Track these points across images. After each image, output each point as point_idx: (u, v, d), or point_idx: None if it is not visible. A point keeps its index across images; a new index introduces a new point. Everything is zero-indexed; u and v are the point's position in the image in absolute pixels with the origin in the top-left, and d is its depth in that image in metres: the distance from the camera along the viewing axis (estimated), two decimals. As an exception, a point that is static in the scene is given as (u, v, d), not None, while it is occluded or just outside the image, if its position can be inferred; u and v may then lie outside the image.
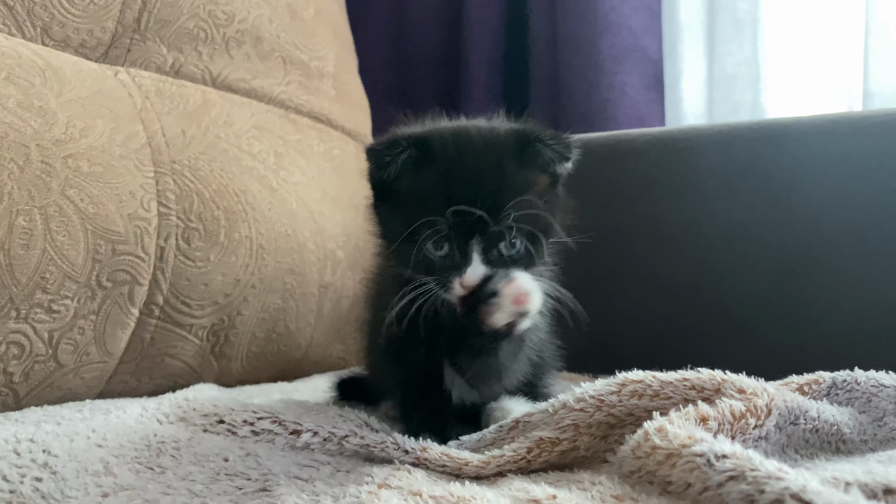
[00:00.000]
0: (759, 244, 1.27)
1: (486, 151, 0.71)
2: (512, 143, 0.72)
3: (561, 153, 0.73)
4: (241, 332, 1.11)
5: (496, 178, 0.69)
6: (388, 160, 0.71)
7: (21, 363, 0.85)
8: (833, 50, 1.60)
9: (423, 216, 0.69)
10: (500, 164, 0.70)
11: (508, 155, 0.71)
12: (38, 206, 0.85)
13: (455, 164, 0.70)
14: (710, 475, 0.50)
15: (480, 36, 1.85)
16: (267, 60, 1.30)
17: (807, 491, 0.42)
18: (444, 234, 0.69)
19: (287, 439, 0.72)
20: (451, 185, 0.69)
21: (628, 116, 1.72)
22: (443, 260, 0.70)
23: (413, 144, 0.71)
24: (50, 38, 1.00)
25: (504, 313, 0.67)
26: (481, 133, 0.74)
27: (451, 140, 0.72)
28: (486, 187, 0.68)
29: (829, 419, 0.65)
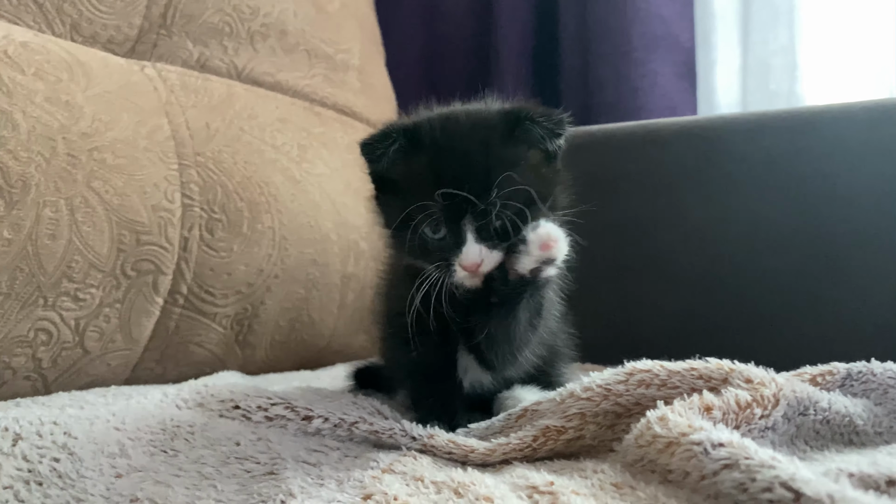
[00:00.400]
0: (788, 235, 1.24)
1: (473, 133, 0.72)
2: (501, 123, 0.72)
3: (552, 129, 0.73)
4: (265, 320, 1.13)
5: (483, 157, 0.70)
6: (381, 152, 0.73)
7: (49, 349, 0.88)
8: (872, 36, 1.56)
9: (415, 201, 0.70)
10: (488, 143, 0.71)
11: (497, 134, 0.72)
12: (64, 197, 0.88)
13: (443, 148, 0.71)
14: (706, 463, 0.49)
15: (510, 27, 1.85)
16: (292, 54, 1.32)
17: (795, 479, 0.42)
18: (438, 217, 0.70)
19: (299, 425, 0.73)
20: (440, 168, 0.70)
21: (659, 106, 1.69)
22: (440, 242, 0.71)
23: (402, 134, 0.73)
24: (79, 35, 1.03)
25: (531, 258, 0.68)
26: (470, 116, 0.74)
27: (439, 125, 0.73)
28: (474, 167, 0.69)
29: (841, 410, 0.64)
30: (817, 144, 1.23)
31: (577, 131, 1.49)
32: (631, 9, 1.68)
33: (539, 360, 0.85)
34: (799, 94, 1.61)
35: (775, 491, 0.42)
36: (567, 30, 1.79)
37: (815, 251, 1.22)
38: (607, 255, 1.39)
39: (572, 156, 1.44)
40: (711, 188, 1.32)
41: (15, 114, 0.85)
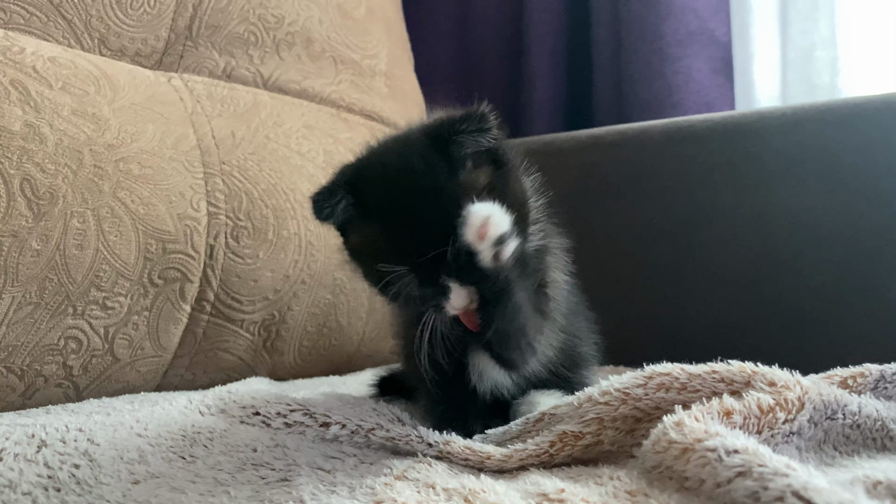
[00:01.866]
0: (828, 232, 1.20)
1: (414, 183, 0.69)
2: (431, 150, 0.69)
3: (478, 128, 0.69)
4: (293, 326, 1.13)
5: (437, 210, 0.67)
6: (328, 211, 0.70)
7: (79, 357, 0.90)
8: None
9: (385, 275, 0.68)
10: (436, 191, 0.68)
11: (435, 167, 0.68)
12: (90, 208, 0.90)
13: (391, 216, 0.69)
14: (720, 471, 0.48)
15: (542, 26, 1.83)
16: (318, 61, 1.33)
17: (808, 489, 0.40)
18: (413, 281, 0.68)
19: (317, 431, 0.73)
20: (397, 241, 0.68)
21: (695, 102, 1.66)
22: (426, 292, 0.69)
23: (347, 192, 0.70)
24: (107, 49, 1.05)
25: (482, 253, 0.65)
26: (403, 160, 0.71)
27: (379, 183, 0.70)
28: (428, 224, 0.67)
29: (872, 414, 0.61)
30: (858, 137, 1.19)
31: (609, 130, 1.49)
32: (664, 4, 1.65)
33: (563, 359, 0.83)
34: (840, 88, 1.56)
35: (787, 500, 0.40)
36: (600, 27, 1.77)
37: (857, 248, 1.18)
38: (642, 255, 1.37)
39: (606, 154, 1.43)
40: (749, 184, 1.29)
41: (42, 127, 0.87)
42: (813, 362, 0.94)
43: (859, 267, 1.17)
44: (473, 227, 0.64)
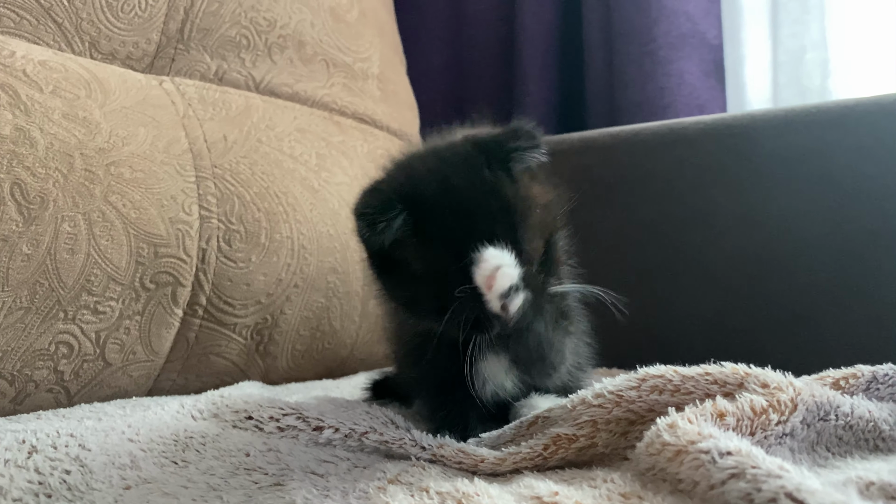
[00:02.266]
0: (821, 233, 1.21)
1: (475, 199, 0.66)
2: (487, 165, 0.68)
3: (532, 144, 0.70)
4: (285, 330, 1.13)
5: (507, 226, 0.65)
6: (383, 226, 0.66)
7: (70, 362, 0.90)
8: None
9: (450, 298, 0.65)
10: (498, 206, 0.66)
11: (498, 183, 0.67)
12: (81, 212, 0.89)
13: (455, 232, 0.65)
14: (714, 472, 0.48)
15: (534, 29, 1.84)
16: (310, 64, 1.33)
17: (801, 490, 0.40)
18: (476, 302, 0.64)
19: (310, 435, 0.73)
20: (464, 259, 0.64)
21: (687, 105, 1.66)
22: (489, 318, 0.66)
23: (405, 207, 0.66)
24: (98, 52, 1.05)
25: (490, 301, 0.63)
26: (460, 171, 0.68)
27: (438, 195, 0.67)
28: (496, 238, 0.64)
29: (865, 415, 0.61)
30: (849, 139, 1.20)
31: (601, 132, 1.49)
32: (655, 7, 1.65)
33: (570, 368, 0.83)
34: (831, 90, 1.57)
35: (780, 502, 0.40)
36: (591, 30, 1.77)
37: (849, 249, 1.18)
38: (635, 257, 1.37)
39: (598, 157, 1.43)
40: (740, 186, 1.29)
41: (33, 131, 0.87)
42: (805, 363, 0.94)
43: (851, 268, 1.18)
44: (482, 274, 0.62)
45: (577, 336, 0.79)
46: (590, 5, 1.76)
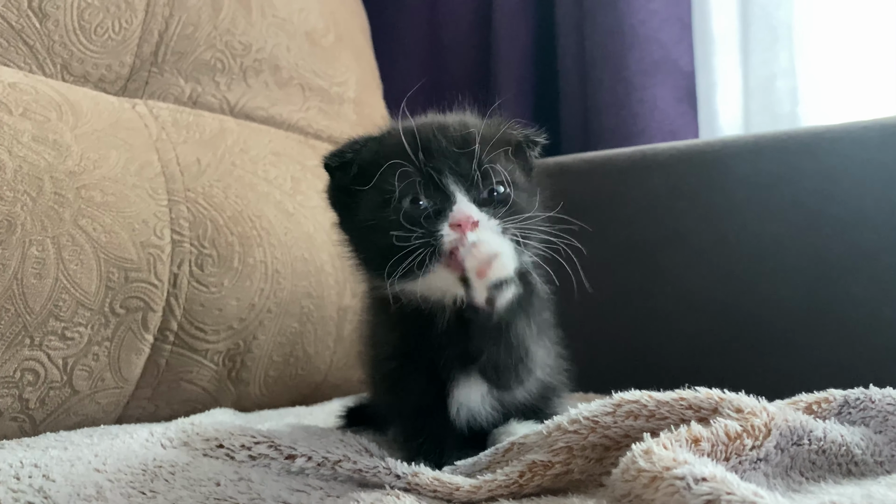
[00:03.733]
0: (792, 257, 1.22)
1: (451, 118, 0.74)
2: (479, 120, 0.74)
3: (528, 136, 0.76)
4: (258, 356, 1.11)
5: (463, 126, 0.70)
6: (350, 156, 0.72)
7: (36, 389, 0.87)
8: (873, 56, 1.54)
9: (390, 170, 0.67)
10: (466, 123, 0.72)
11: (476, 122, 0.74)
12: (50, 236, 0.87)
13: (419, 124, 0.71)
14: (689, 499, 0.47)
15: (510, 55, 1.85)
16: (286, 88, 1.32)
17: (776, 517, 0.40)
18: (419, 179, 0.66)
19: (282, 464, 0.72)
20: (416, 132, 0.68)
21: (660, 131, 1.68)
22: (425, 212, 0.66)
23: (370, 139, 0.73)
24: (70, 74, 1.04)
25: (477, 290, 0.61)
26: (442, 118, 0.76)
27: (412, 122, 0.73)
28: (453, 129, 0.69)
29: (837, 439, 0.61)
30: (817, 165, 1.22)
31: (576, 157, 1.50)
32: (629, 34, 1.67)
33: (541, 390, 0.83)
34: (801, 116, 1.59)
35: (755, 529, 0.40)
36: (566, 57, 1.79)
37: (820, 272, 1.20)
38: (609, 281, 1.37)
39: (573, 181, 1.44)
40: (713, 211, 1.30)
41: (1, 154, 0.85)
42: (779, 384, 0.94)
43: (822, 291, 1.19)
44: (476, 258, 0.60)
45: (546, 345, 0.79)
46: (564, 33, 1.78)
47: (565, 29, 1.78)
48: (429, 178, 0.66)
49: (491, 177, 0.66)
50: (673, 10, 1.70)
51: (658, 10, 1.68)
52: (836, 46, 1.57)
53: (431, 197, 0.66)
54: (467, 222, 0.63)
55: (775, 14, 1.64)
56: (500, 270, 0.60)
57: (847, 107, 1.56)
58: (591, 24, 1.72)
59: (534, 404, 0.83)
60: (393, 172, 0.66)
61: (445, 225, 0.64)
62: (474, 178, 0.66)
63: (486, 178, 0.67)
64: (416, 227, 0.65)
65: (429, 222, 0.65)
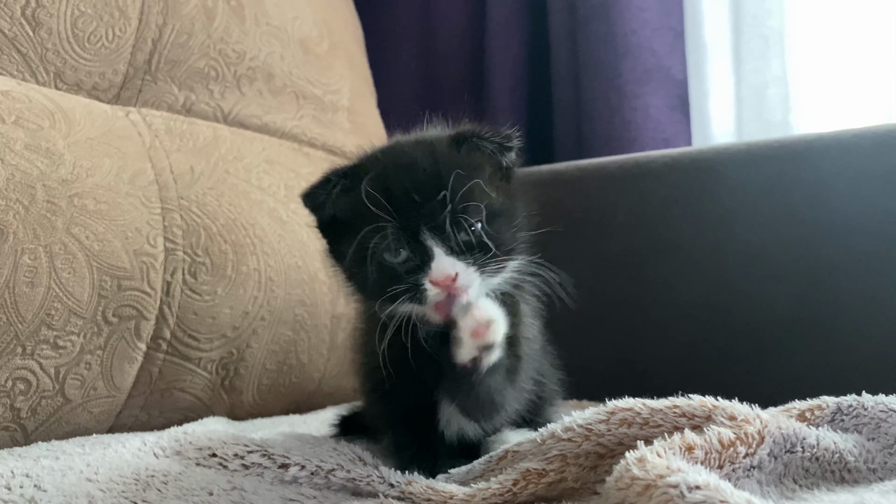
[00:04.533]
0: (784, 265, 1.22)
1: (418, 150, 0.70)
2: (447, 142, 0.71)
3: (500, 143, 0.71)
4: (252, 364, 1.11)
5: (432, 167, 0.68)
6: (323, 199, 0.71)
7: (28, 399, 0.87)
8: (865, 65, 1.55)
9: (366, 223, 0.67)
10: (435, 153, 0.69)
11: (444, 151, 0.70)
12: (42, 244, 0.87)
13: (388, 169, 0.69)
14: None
15: (503, 64, 1.86)
16: (279, 96, 1.32)
17: (769, 524, 0.40)
18: (395, 236, 0.66)
19: (276, 473, 0.71)
20: (387, 186, 0.67)
21: (653, 139, 1.69)
22: (405, 265, 0.67)
23: (343, 176, 0.71)
24: (63, 82, 1.04)
25: (466, 348, 0.64)
26: (415, 140, 0.73)
27: (381, 153, 0.72)
28: (424, 177, 0.67)
29: (830, 446, 0.61)
30: (809, 173, 1.22)
31: (569, 165, 1.50)
32: (622, 43, 1.68)
33: (529, 404, 0.83)
34: (792, 124, 1.60)
35: (749, 537, 0.40)
36: (559, 65, 1.80)
37: (812, 280, 1.20)
38: (603, 289, 1.38)
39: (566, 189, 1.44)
40: (706, 218, 1.31)
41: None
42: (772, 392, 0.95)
43: (813, 299, 1.20)
44: (475, 319, 0.63)
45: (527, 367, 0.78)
46: (557, 41, 1.79)
47: (558, 38, 1.79)
48: (405, 231, 0.66)
49: (465, 224, 0.67)
50: (665, 20, 1.71)
51: (650, 20, 1.69)
52: (827, 55, 1.58)
53: (409, 249, 0.67)
54: (447, 280, 0.65)
55: (767, 23, 1.64)
56: (494, 335, 0.64)
57: (839, 115, 1.57)
58: (583, 32, 1.73)
59: (526, 414, 0.83)
60: (365, 222, 0.67)
61: (426, 280, 0.66)
62: (449, 229, 0.66)
63: (461, 226, 0.67)
64: (398, 279, 0.67)
65: (410, 274, 0.67)
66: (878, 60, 1.53)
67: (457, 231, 0.66)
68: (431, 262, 0.66)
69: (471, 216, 0.67)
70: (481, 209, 0.67)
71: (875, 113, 1.54)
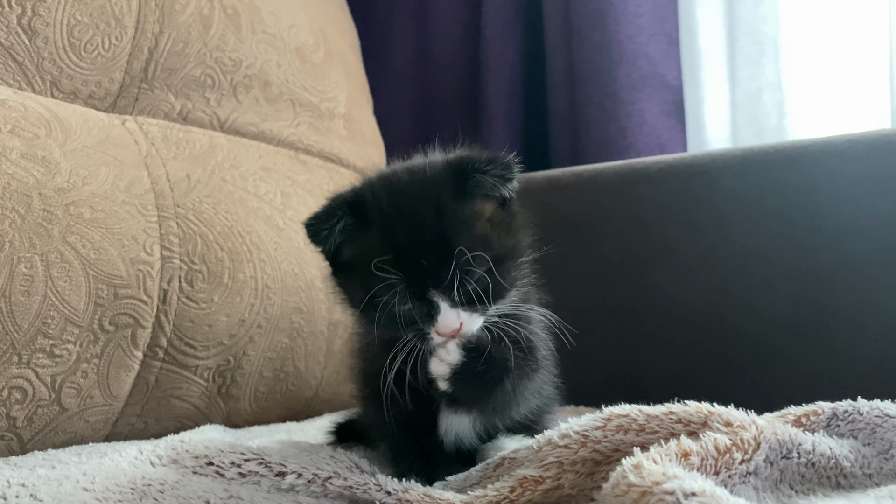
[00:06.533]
0: (780, 270, 1.23)
1: (421, 198, 0.70)
2: (448, 179, 0.71)
3: (501, 175, 0.71)
4: (248, 372, 1.11)
5: (437, 225, 0.68)
6: (326, 233, 0.71)
7: (24, 408, 0.87)
8: (858, 70, 1.56)
9: (376, 282, 0.68)
10: (439, 208, 0.69)
11: (446, 193, 0.70)
12: (38, 253, 0.87)
13: (393, 222, 0.69)
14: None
15: (498, 71, 1.86)
16: (276, 103, 1.33)
17: (764, 531, 0.40)
18: (402, 293, 0.68)
19: (272, 481, 0.71)
20: (393, 244, 0.68)
21: (648, 144, 1.69)
22: (410, 314, 0.69)
23: (346, 212, 0.71)
24: (59, 91, 1.04)
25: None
26: (414, 176, 0.72)
27: (385, 195, 0.71)
28: (428, 237, 0.68)
29: (826, 452, 0.61)
30: (804, 178, 1.23)
31: (565, 171, 1.51)
32: (617, 50, 1.69)
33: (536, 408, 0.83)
34: (787, 129, 1.61)
35: (744, 543, 0.40)
36: (554, 72, 1.80)
37: (807, 286, 1.21)
38: (598, 295, 1.38)
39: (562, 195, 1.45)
40: (701, 224, 1.31)
41: (-11, 171, 0.85)
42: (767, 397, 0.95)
43: (809, 304, 1.20)
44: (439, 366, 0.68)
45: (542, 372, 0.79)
46: (553, 48, 1.79)
47: (554, 44, 1.79)
48: (412, 290, 0.68)
49: (470, 278, 0.68)
50: (660, 26, 1.71)
51: (646, 26, 1.70)
52: (822, 60, 1.59)
53: (414, 302, 0.69)
54: (451, 332, 0.69)
55: (761, 29, 1.65)
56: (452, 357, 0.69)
57: (833, 120, 1.57)
58: (579, 39, 1.73)
59: (523, 420, 0.83)
60: (373, 280, 0.69)
61: (432, 328, 0.69)
62: (454, 286, 0.68)
63: (466, 279, 0.69)
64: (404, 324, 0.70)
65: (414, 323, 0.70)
66: (871, 66, 1.53)
67: (461, 285, 0.68)
68: (437, 316, 0.68)
69: (476, 269, 0.68)
70: (486, 259, 0.69)
71: (869, 118, 1.55)
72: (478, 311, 0.70)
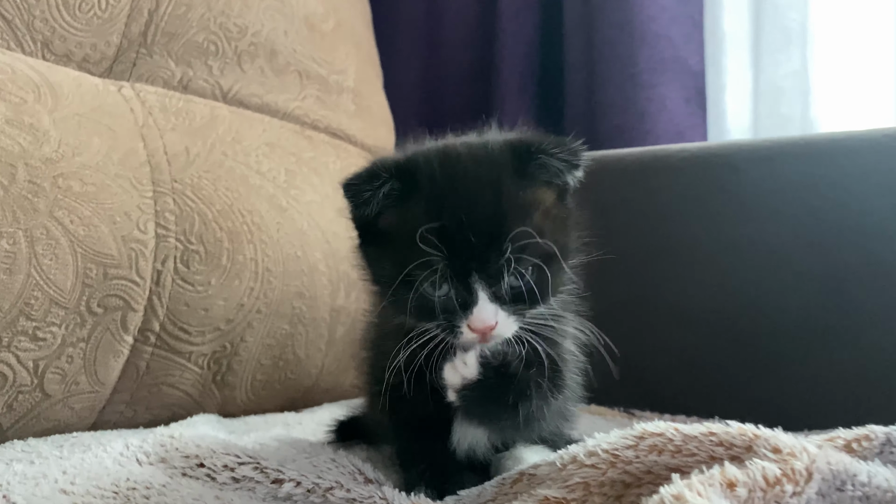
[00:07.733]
0: (804, 268, 1.17)
1: (478, 173, 0.63)
2: (509, 158, 0.64)
3: (569, 161, 0.65)
4: (245, 359, 1.05)
5: (493, 204, 0.61)
6: (368, 195, 0.63)
7: (4, 394, 0.81)
8: (889, 60, 1.50)
9: (415, 257, 0.60)
10: (497, 185, 0.62)
11: (506, 173, 0.63)
12: (22, 228, 0.81)
13: (444, 193, 0.62)
14: (731, 561, 0.41)
15: (514, 49, 1.79)
16: (282, 75, 1.26)
17: None
18: (442, 273, 0.61)
19: (268, 489, 0.66)
20: (442, 217, 0.60)
21: (667, 131, 1.63)
22: (444, 301, 0.62)
23: (394, 175, 0.63)
24: (51, 53, 0.97)
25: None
26: (472, 152, 0.65)
27: (438, 164, 0.64)
28: (482, 216, 0.60)
29: (883, 484, 0.55)
30: (833, 173, 1.17)
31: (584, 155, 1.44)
32: (638, 31, 1.62)
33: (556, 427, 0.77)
34: (812, 119, 1.55)
35: None
36: (572, 52, 1.73)
37: (831, 285, 1.15)
38: (610, 288, 1.31)
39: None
40: (721, 217, 1.25)
41: (-30, 138, 0.79)
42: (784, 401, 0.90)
43: (835, 303, 1.14)
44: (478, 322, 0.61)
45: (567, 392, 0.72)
46: (571, 27, 1.72)
47: (572, 24, 1.72)
48: (454, 270, 0.61)
49: (517, 273, 0.62)
50: (684, 8, 1.65)
51: (668, 7, 1.63)
52: (851, 49, 1.52)
53: (453, 287, 0.62)
54: (485, 329, 0.62)
55: (789, 14, 1.59)
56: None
57: (862, 114, 1.51)
58: (599, 19, 1.66)
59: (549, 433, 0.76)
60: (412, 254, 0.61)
61: (464, 322, 0.62)
62: (500, 276, 0.61)
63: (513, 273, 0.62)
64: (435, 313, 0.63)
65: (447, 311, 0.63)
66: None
67: (506, 278, 0.61)
68: (474, 307, 0.61)
69: (524, 264, 0.61)
70: (539, 253, 0.62)
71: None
72: (516, 314, 0.63)
